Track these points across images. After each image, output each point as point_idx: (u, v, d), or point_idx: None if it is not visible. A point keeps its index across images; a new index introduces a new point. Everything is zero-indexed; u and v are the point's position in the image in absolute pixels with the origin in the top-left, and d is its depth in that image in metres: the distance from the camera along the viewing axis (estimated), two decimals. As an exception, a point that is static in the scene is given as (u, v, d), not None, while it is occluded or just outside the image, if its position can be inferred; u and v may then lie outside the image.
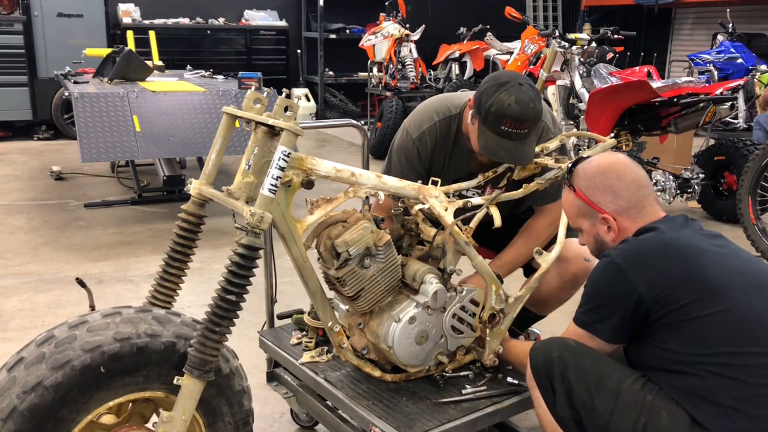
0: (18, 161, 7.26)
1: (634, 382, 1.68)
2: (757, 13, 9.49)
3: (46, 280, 4.04)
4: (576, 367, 1.71)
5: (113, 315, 1.76)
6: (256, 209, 1.75)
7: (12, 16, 7.97)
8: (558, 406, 1.74)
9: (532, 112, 2.05)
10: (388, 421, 1.90)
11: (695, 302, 1.61)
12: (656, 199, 1.85)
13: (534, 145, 2.18)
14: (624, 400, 1.65)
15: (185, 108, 5.18)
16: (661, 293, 1.63)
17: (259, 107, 1.89)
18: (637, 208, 1.80)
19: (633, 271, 1.66)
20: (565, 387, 1.72)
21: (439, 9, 10.67)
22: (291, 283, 3.10)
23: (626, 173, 1.82)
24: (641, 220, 1.80)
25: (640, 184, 1.82)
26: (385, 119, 7.43)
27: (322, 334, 2.31)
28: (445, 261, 2.08)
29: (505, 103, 2.04)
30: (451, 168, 2.39)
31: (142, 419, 1.88)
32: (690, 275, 1.64)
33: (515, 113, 2.03)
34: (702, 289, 1.62)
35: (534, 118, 2.07)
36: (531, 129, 2.08)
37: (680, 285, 1.63)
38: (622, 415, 1.64)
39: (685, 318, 1.61)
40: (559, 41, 5.54)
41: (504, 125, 2.05)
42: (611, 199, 1.81)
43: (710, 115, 4.76)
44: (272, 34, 10.09)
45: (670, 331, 1.64)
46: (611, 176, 1.82)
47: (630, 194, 1.80)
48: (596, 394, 1.68)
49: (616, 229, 1.82)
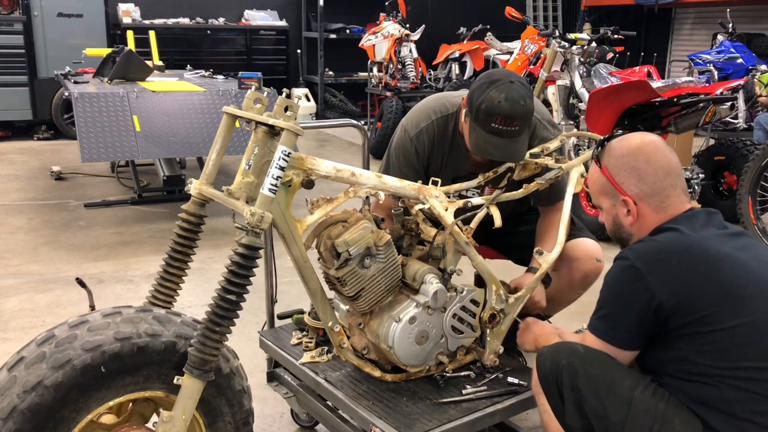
0: (18, 161, 7.26)
1: (646, 388, 1.64)
2: (757, 13, 9.49)
3: (46, 280, 4.04)
4: (586, 375, 1.67)
5: (113, 315, 1.76)
6: (256, 209, 1.75)
7: (12, 16, 7.97)
8: (567, 415, 1.70)
9: (523, 110, 2.06)
10: (388, 421, 1.90)
11: (718, 313, 1.56)
12: (684, 190, 1.76)
13: (526, 143, 2.17)
14: (636, 407, 1.61)
15: (185, 108, 5.18)
16: (682, 301, 1.58)
17: (259, 107, 1.89)
18: (661, 196, 1.73)
19: (654, 276, 1.60)
20: (575, 396, 1.68)
21: (439, 9, 10.67)
22: (291, 283, 3.10)
23: (656, 158, 1.74)
24: (663, 211, 1.73)
25: (669, 171, 1.74)
26: (385, 119, 7.43)
27: (323, 334, 2.31)
28: (445, 261, 2.08)
29: (495, 100, 2.05)
30: (450, 167, 2.39)
31: (142, 419, 1.88)
32: (712, 284, 1.59)
33: (505, 111, 2.04)
34: (725, 299, 1.57)
35: (524, 116, 2.08)
36: (522, 126, 2.09)
37: (703, 294, 1.58)
38: (636, 422, 1.60)
39: (707, 329, 1.57)
40: (559, 41, 5.54)
41: (494, 122, 2.06)
42: (635, 182, 1.75)
43: (710, 115, 4.76)
44: (272, 34, 10.10)
45: (689, 340, 1.59)
46: (640, 159, 1.75)
47: (655, 180, 1.73)
48: (608, 402, 1.63)
49: (635, 215, 1.76)
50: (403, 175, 2.29)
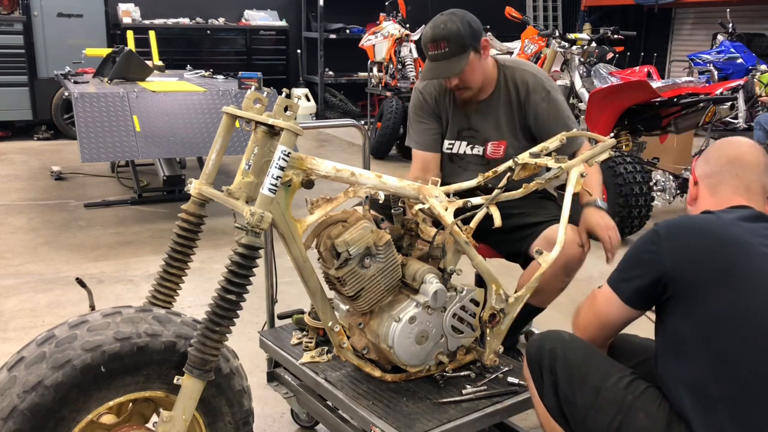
0: (18, 161, 7.26)
1: (619, 380, 1.68)
2: (757, 13, 9.49)
3: (46, 280, 4.04)
4: (565, 360, 1.75)
5: (113, 314, 1.76)
6: (256, 209, 1.75)
7: (12, 16, 7.97)
8: (545, 396, 1.79)
9: (443, 31, 2.38)
10: (388, 421, 1.90)
11: (711, 291, 1.58)
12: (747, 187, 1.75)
13: (464, 61, 2.41)
14: (604, 397, 1.66)
15: (185, 108, 5.18)
16: (684, 272, 1.61)
17: (259, 107, 1.89)
18: (716, 179, 1.77)
19: (669, 242, 1.65)
20: (553, 378, 1.76)
21: (439, 9, 10.52)
22: (291, 283, 3.10)
23: (727, 147, 1.80)
24: (715, 194, 1.76)
25: (734, 160, 1.77)
26: (385, 119, 7.43)
27: (323, 334, 2.31)
28: (445, 261, 2.08)
29: (424, 32, 2.46)
30: (455, 118, 2.64)
31: (142, 419, 1.88)
32: (719, 262, 1.60)
33: (429, 37, 2.42)
34: (725, 279, 1.58)
35: (447, 36, 2.38)
36: (451, 46, 2.39)
37: (705, 269, 1.60)
38: (600, 412, 1.66)
39: (695, 301, 1.59)
40: (559, 41, 5.55)
41: (429, 51, 2.44)
42: (703, 165, 1.82)
43: (710, 115, 4.76)
44: (272, 34, 10.10)
45: (678, 310, 1.63)
46: (714, 147, 1.83)
47: (716, 163, 1.78)
48: (578, 388, 1.70)
49: (694, 195, 1.83)
50: (422, 126, 2.65)
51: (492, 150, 2.60)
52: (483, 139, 2.60)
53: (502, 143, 2.59)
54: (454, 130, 2.64)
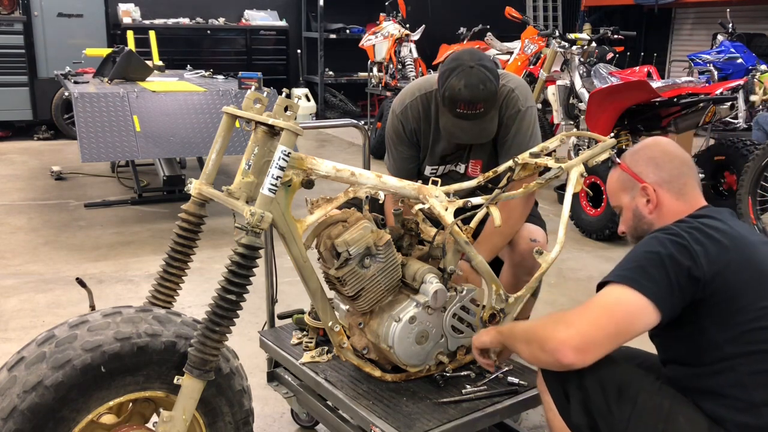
0: (18, 161, 7.26)
1: (651, 386, 1.65)
2: (757, 13, 9.49)
3: (46, 280, 4.04)
4: (592, 374, 1.65)
5: (114, 314, 1.76)
6: (256, 209, 1.75)
7: (12, 16, 7.97)
8: (573, 413, 1.70)
9: (483, 93, 2.18)
10: (388, 421, 1.90)
11: (750, 294, 1.57)
12: (699, 186, 1.81)
13: (495, 120, 2.25)
14: (642, 405, 1.61)
15: (185, 108, 5.18)
16: (718, 276, 1.57)
17: (259, 107, 1.89)
18: (679, 183, 1.77)
19: (698, 246, 1.59)
20: (582, 394, 1.67)
21: (439, 9, 10.67)
22: (291, 283, 3.10)
23: (672, 150, 1.81)
24: (682, 198, 1.76)
25: (684, 162, 1.80)
26: (385, 119, 7.41)
27: (323, 334, 2.31)
28: (445, 261, 2.08)
29: (456, 88, 2.18)
30: (439, 143, 2.47)
31: (142, 419, 1.88)
32: (750, 266, 1.60)
33: (466, 97, 2.17)
34: (760, 281, 1.59)
35: (486, 98, 2.19)
36: (487, 108, 2.22)
37: (740, 272, 1.59)
38: (641, 421, 1.61)
39: (735, 307, 1.57)
40: (559, 41, 5.55)
41: (459, 108, 2.20)
42: (653, 170, 1.79)
43: (710, 115, 4.76)
44: (272, 34, 10.09)
45: (715, 316, 1.59)
46: (656, 150, 1.81)
47: (672, 168, 1.78)
48: (613, 400, 1.63)
49: (655, 201, 1.77)
50: (399, 153, 2.45)
51: (471, 168, 2.54)
52: (467, 158, 2.52)
53: (479, 162, 2.52)
54: (437, 156, 2.49)
